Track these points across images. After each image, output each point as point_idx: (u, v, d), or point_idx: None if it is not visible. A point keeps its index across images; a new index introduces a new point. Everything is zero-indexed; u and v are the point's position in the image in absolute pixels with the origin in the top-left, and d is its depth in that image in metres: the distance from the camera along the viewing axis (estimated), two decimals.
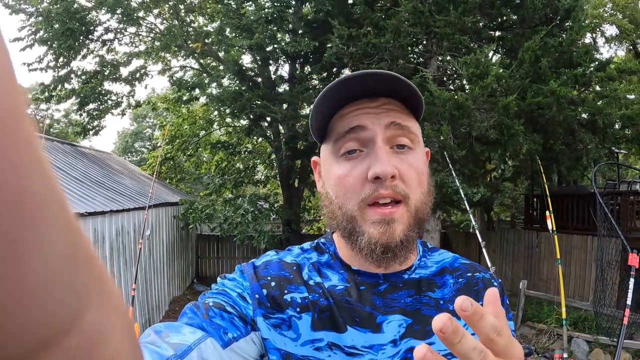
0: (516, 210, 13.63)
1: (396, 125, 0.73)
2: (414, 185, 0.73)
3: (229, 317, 0.70)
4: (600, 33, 17.31)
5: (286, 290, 0.77)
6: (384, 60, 7.26)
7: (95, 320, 0.21)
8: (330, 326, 0.74)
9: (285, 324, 0.74)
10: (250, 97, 8.52)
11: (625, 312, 3.91)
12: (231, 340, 0.68)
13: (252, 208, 9.48)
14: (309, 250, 0.85)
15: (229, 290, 0.76)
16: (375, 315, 0.75)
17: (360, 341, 0.73)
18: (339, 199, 0.75)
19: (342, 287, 0.78)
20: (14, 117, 0.16)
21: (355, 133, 0.73)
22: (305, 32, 9.47)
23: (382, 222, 0.71)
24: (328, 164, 0.78)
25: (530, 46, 7.20)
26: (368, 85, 0.73)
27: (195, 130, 12.47)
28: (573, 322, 7.65)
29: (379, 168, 0.69)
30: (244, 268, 0.81)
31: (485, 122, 6.62)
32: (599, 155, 8.36)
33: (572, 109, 7.67)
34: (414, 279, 0.80)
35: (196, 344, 0.62)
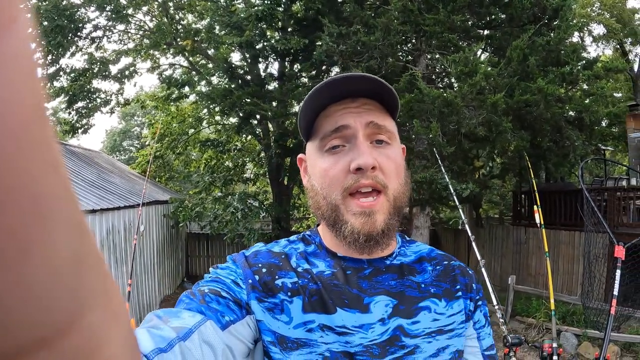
0: (504, 207, 13.73)
1: (374, 124, 0.80)
2: (392, 176, 0.80)
3: (224, 302, 0.73)
4: (587, 32, 17.51)
5: (277, 275, 0.81)
6: (373, 58, 7.30)
7: (95, 324, 0.21)
8: (320, 309, 0.78)
9: (277, 308, 0.78)
10: (240, 95, 8.50)
11: (612, 302, 3.98)
12: (229, 322, 0.71)
13: (242, 206, 9.46)
14: (296, 242, 0.90)
15: (223, 277, 0.79)
16: (362, 297, 0.80)
17: (350, 321, 0.78)
18: (323, 190, 0.80)
19: (329, 272, 0.83)
20: (34, 117, 0.16)
21: (340, 132, 0.79)
22: (295, 29, 9.47)
23: (363, 214, 0.77)
24: (314, 159, 0.84)
25: (518, 45, 7.27)
26: (350, 87, 0.79)
27: (185, 129, 12.40)
28: (561, 316, 7.74)
29: (362, 160, 0.75)
30: (236, 257, 0.85)
31: (473, 119, 6.68)
32: (585, 152, 8.46)
33: (560, 106, 7.76)
34: (396, 264, 0.86)
35: (197, 327, 0.65)
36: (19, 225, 0.15)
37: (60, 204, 0.17)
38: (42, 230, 0.16)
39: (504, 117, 6.97)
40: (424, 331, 0.81)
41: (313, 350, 0.76)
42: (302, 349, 0.76)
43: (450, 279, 0.89)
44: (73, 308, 0.19)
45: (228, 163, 12.36)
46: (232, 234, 9.35)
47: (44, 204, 0.16)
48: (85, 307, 0.20)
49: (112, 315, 0.23)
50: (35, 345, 0.17)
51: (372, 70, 7.25)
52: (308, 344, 0.76)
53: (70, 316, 0.19)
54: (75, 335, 0.19)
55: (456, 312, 0.86)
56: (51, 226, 0.17)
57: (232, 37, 8.43)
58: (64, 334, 0.18)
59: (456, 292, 0.88)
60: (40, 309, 0.17)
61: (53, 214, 0.17)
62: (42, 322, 0.17)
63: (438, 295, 0.85)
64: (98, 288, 0.21)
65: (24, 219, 0.15)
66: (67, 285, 0.18)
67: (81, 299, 0.19)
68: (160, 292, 9.82)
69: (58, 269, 0.17)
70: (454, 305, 0.86)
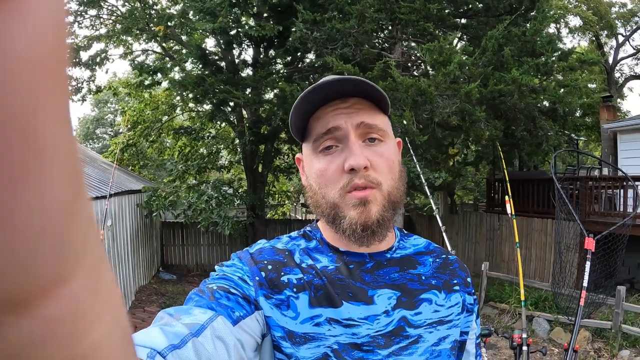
0: (479, 194, 13.91)
1: (365, 125, 0.81)
2: (385, 173, 0.82)
3: (234, 298, 0.75)
4: (564, 24, 17.69)
5: (282, 272, 0.83)
6: (347, 46, 7.22)
7: (80, 293, 0.17)
8: (326, 303, 0.81)
9: (284, 304, 0.80)
10: (212, 82, 8.35)
11: (581, 293, 4.00)
12: (239, 318, 0.73)
13: (216, 194, 9.35)
14: (297, 238, 0.93)
15: (230, 274, 0.81)
16: (366, 290, 0.83)
17: (356, 313, 0.81)
18: (321, 190, 0.83)
19: (333, 267, 0.86)
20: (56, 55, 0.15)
21: (331, 133, 0.81)
22: (271, 16, 9.32)
23: (360, 204, 0.79)
24: (309, 160, 0.87)
25: (494, 34, 7.28)
26: (339, 89, 0.81)
27: (158, 116, 12.17)
28: (534, 302, 7.88)
29: (353, 161, 0.78)
30: (241, 255, 0.87)
31: (447, 108, 6.69)
32: (558, 142, 8.57)
33: (534, 96, 7.83)
34: (396, 257, 0.90)
35: (208, 323, 0.66)
36: (15, 152, 0.14)
37: (61, 145, 0.16)
38: (38, 165, 0.15)
39: (478, 106, 6.99)
40: (425, 322, 0.85)
41: (322, 344, 0.79)
42: (310, 343, 0.78)
43: (449, 272, 0.93)
44: (57, 269, 0.16)
45: (202, 150, 12.20)
46: (206, 222, 9.26)
47: (45, 139, 0.15)
48: (71, 271, 0.17)
49: (103, 291, 0.19)
50: (5, 307, 0.15)
51: (345, 57, 7.19)
52: (316, 338, 0.79)
53: (52, 278, 0.16)
54: (55, 303, 0.16)
55: (454, 304, 0.90)
56: (49, 164, 0.15)
57: (204, 23, 8.25)
58: (41, 299, 0.16)
59: (454, 285, 0.92)
60: (20, 261, 0.15)
61: (52, 153, 0.15)
62: (19, 278, 0.15)
63: (438, 287, 0.89)
64: (87, 253, 0.18)
65: (21, 148, 0.14)
66: (55, 239, 0.16)
67: (68, 260, 0.17)
68: (135, 282, 9.68)
69: (48, 215, 0.15)
70: (452, 298, 0.90)
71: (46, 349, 0.16)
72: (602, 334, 6.63)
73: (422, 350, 0.83)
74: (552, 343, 6.96)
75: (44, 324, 0.16)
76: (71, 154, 0.16)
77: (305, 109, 0.83)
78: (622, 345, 6.28)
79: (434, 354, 0.84)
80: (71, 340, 0.17)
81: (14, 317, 0.15)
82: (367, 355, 0.79)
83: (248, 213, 10.60)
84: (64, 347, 0.17)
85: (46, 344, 0.16)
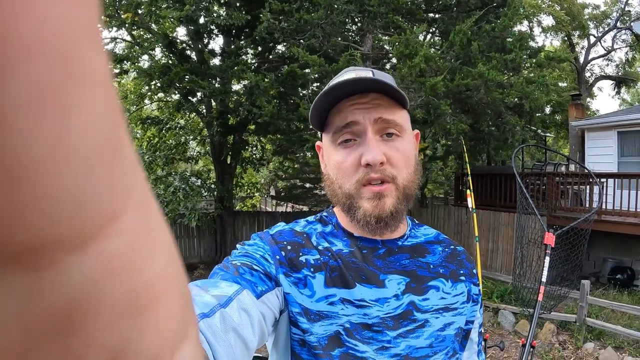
0: (449, 188, 14.05)
1: (383, 120, 0.83)
2: (401, 167, 0.85)
3: (257, 274, 0.79)
4: (537, 23, 17.95)
5: (301, 253, 0.87)
6: (315, 37, 7.17)
7: (136, 226, 0.17)
8: (340, 284, 0.85)
9: (301, 283, 0.84)
10: (178, 71, 8.21)
11: (540, 289, 4.03)
12: (262, 292, 0.77)
13: (184, 185, 9.23)
14: (314, 222, 0.97)
15: (252, 252, 0.84)
16: (378, 274, 0.87)
17: (368, 295, 0.85)
18: (338, 180, 0.87)
19: (347, 251, 0.90)
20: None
21: (350, 128, 0.84)
22: (242, 5, 9.20)
23: (375, 198, 0.83)
24: (328, 151, 0.90)
25: (462, 29, 7.32)
26: (358, 86, 0.83)
27: (126, 106, 11.92)
28: (500, 294, 7.98)
29: (370, 156, 0.81)
30: (262, 235, 0.91)
31: (412, 101, 6.70)
32: (524, 137, 8.69)
33: (500, 92, 7.90)
34: (407, 245, 0.94)
35: (235, 295, 0.69)
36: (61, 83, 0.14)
37: (100, 74, 0.16)
38: (83, 94, 0.14)
39: (444, 100, 7.03)
40: (432, 307, 0.88)
41: (334, 322, 0.82)
42: (324, 320, 0.82)
43: (457, 262, 0.97)
44: (109, 204, 0.16)
45: (170, 141, 12.01)
46: (173, 214, 9.13)
47: (86, 67, 0.15)
48: (123, 206, 0.16)
49: (151, 225, 0.18)
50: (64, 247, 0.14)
51: (313, 48, 7.14)
52: (330, 316, 0.83)
53: (105, 213, 0.16)
54: (111, 239, 0.16)
55: (459, 293, 0.93)
56: (91, 95, 0.15)
57: (172, 10, 8.10)
58: (97, 235, 0.15)
59: (460, 275, 0.95)
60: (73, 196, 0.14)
61: (93, 81, 0.15)
62: (74, 214, 0.14)
63: (445, 276, 0.93)
64: (136, 188, 0.17)
65: (65, 75, 0.14)
66: (104, 172, 0.15)
67: (118, 194, 0.16)
68: None
69: (95, 146, 0.15)
70: (458, 287, 0.94)
71: (106, 286, 0.16)
72: (567, 326, 6.75)
73: (427, 334, 0.87)
74: (517, 335, 7.06)
75: (101, 260, 0.16)
76: (109, 84, 0.16)
77: (325, 103, 0.86)
78: (586, 338, 6.40)
79: (439, 339, 0.88)
80: (129, 275, 0.17)
81: (72, 256, 0.15)
82: (377, 336, 0.84)
83: (216, 205, 10.49)
84: (123, 282, 0.17)
85: (105, 281, 0.16)
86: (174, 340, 0.20)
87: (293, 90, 8.45)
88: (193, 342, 0.21)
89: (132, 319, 0.17)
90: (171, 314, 0.20)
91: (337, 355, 0.81)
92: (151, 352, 0.18)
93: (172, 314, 0.20)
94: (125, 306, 0.17)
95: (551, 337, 6.75)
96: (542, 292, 3.80)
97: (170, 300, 0.20)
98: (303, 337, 0.82)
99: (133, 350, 0.17)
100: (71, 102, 0.14)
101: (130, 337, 0.17)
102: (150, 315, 0.18)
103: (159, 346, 0.18)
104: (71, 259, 0.15)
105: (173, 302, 0.20)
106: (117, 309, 0.16)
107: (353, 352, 0.82)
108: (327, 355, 0.81)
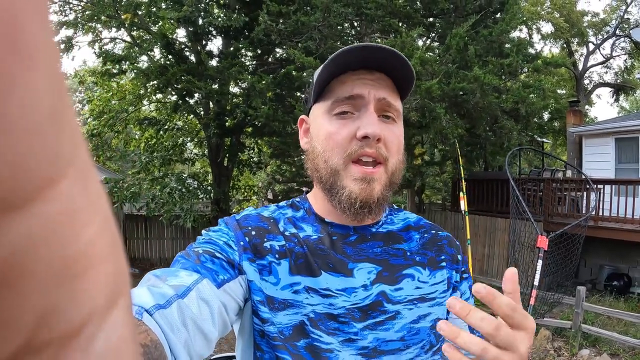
0: (447, 194, 14.06)
1: (386, 101, 0.82)
2: (394, 151, 0.83)
3: (218, 262, 0.76)
4: (536, 30, 18.01)
5: (265, 238, 0.84)
6: (312, 39, 7.19)
7: (74, 192, 0.17)
8: (305, 271, 0.81)
9: (266, 270, 0.81)
10: (175, 72, 8.22)
11: (532, 292, 3.99)
12: (223, 281, 0.74)
13: (180, 186, 9.22)
14: (284, 207, 0.93)
15: (215, 239, 0.81)
16: (346, 262, 0.83)
17: (334, 284, 0.81)
18: (325, 153, 0.82)
19: (316, 237, 0.86)
20: None
21: (353, 100, 0.81)
22: (240, 7, 9.22)
23: (364, 180, 0.79)
24: (320, 121, 0.85)
25: (458, 32, 7.33)
26: (372, 57, 0.80)
27: (124, 106, 11.94)
28: None
29: (370, 129, 0.78)
30: (227, 220, 0.88)
31: (407, 104, 6.70)
32: (520, 142, 8.68)
33: (496, 96, 7.90)
34: (381, 232, 0.90)
35: (194, 285, 0.68)
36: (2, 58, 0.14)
37: (45, 49, 0.16)
38: (23, 68, 0.15)
39: (439, 103, 7.03)
40: (405, 298, 0.84)
41: (299, 311, 0.79)
42: (288, 309, 0.79)
43: (437, 248, 0.92)
44: (50, 169, 0.16)
45: (168, 142, 12.02)
46: (169, 215, 9.12)
47: (28, 43, 0.15)
48: (63, 171, 0.17)
49: (90, 190, 0.19)
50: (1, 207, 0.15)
51: (309, 51, 7.15)
52: (294, 305, 0.80)
53: (46, 177, 0.16)
54: (51, 201, 0.16)
55: (438, 281, 0.88)
56: (34, 68, 0.15)
57: (170, 11, 8.12)
58: (36, 197, 0.16)
59: (440, 262, 0.90)
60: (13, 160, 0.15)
61: (36, 56, 0.15)
62: (13, 177, 0.15)
63: (423, 263, 0.88)
64: (78, 155, 0.18)
65: (6, 51, 0.14)
66: (45, 140, 0.16)
67: (59, 160, 0.17)
68: None
69: (36, 117, 0.15)
70: (437, 275, 0.88)
71: (42, 246, 0.16)
72: (562, 333, 6.71)
73: (399, 327, 0.82)
74: None
75: (41, 221, 0.16)
76: (53, 58, 0.17)
77: (331, 71, 0.82)
78: (581, 345, 6.36)
79: (412, 332, 0.83)
80: (68, 238, 0.17)
81: (12, 216, 0.15)
82: (343, 327, 0.80)
83: (212, 207, 10.46)
84: (60, 245, 0.17)
85: (42, 241, 0.16)
86: (104, 308, 0.19)
87: (289, 93, 8.45)
88: (123, 312, 0.21)
89: (65, 283, 0.17)
90: (104, 281, 0.19)
91: (302, 347, 0.79)
92: (80, 318, 0.18)
93: (105, 281, 0.19)
94: (59, 269, 0.17)
95: (546, 344, 6.71)
96: (534, 297, 3.77)
97: (104, 268, 0.19)
98: (262, 328, 0.79)
99: (62, 314, 0.17)
100: (10, 76, 0.14)
101: (60, 302, 0.17)
102: (82, 281, 0.18)
103: (88, 313, 0.18)
104: (8, 218, 0.15)
105: (106, 270, 0.19)
106: (51, 271, 0.16)
107: (318, 344, 0.79)
108: (291, 346, 0.78)
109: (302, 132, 0.94)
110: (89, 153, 0.19)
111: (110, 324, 0.19)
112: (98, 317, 0.19)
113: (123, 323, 0.20)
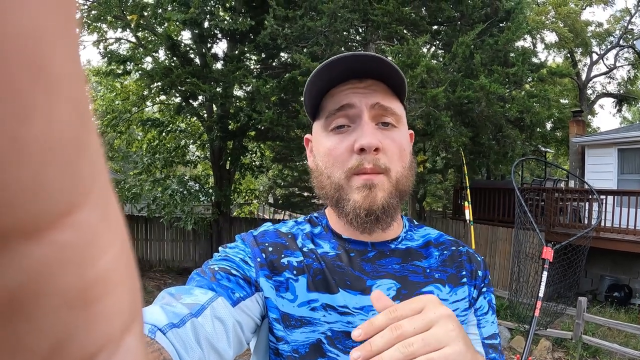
0: (448, 202, 14.05)
1: (380, 106, 0.79)
2: (395, 159, 0.79)
3: (234, 279, 0.75)
4: (540, 39, 18.03)
5: (283, 254, 0.83)
6: (318, 44, 7.18)
7: (92, 220, 0.17)
8: (323, 288, 0.80)
9: (283, 286, 0.79)
10: (179, 74, 8.22)
11: (537, 304, 3.98)
12: (239, 299, 0.73)
13: (181, 188, 9.20)
14: (303, 223, 0.92)
15: (232, 256, 0.80)
16: (365, 279, 0.81)
17: (352, 302, 0.79)
18: (327, 169, 0.81)
19: (333, 254, 0.84)
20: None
21: (344, 110, 0.79)
22: (246, 11, 9.23)
23: (365, 187, 0.76)
24: (319, 138, 0.84)
25: (465, 41, 7.33)
26: (356, 65, 0.78)
27: (128, 107, 11.95)
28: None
29: (365, 140, 0.75)
30: (244, 236, 0.87)
31: (413, 111, 6.69)
32: (524, 152, 8.67)
33: (501, 105, 7.90)
34: (401, 248, 0.87)
35: (209, 303, 0.67)
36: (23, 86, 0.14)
37: (69, 75, 0.16)
38: (45, 98, 0.15)
39: (444, 111, 7.02)
40: None
41: (316, 329, 0.78)
42: (305, 327, 0.78)
43: (457, 264, 0.89)
44: (69, 196, 0.16)
45: (170, 144, 12.03)
46: (169, 216, 9.09)
47: (52, 72, 0.15)
48: (83, 199, 0.17)
49: (109, 217, 0.19)
50: (18, 234, 0.15)
51: (315, 56, 7.14)
52: (311, 322, 0.78)
53: (64, 205, 0.16)
54: (69, 229, 0.16)
55: (460, 298, 0.86)
56: (56, 97, 0.15)
57: (176, 13, 8.12)
58: (54, 225, 0.16)
59: (461, 278, 0.88)
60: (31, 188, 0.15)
61: (59, 85, 0.15)
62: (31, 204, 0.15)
63: (442, 280, 0.86)
64: (97, 181, 0.18)
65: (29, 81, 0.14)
66: (65, 168, 0.16)
67: (79, 187, 0.16)
68: None
69: (57, 145, 0.15)
70: (458, 292, 0.86)
71: (56, 275, 0.16)
72: (562, 343, 6.69)
73: None
74: (512, 351, 7.01)
75: (57, 250, 0.16)
76: (79, 86, 0.17)
77: (319, 87, 0.80)
78: (582, 356, 6.34)
79: None
80: (84, 266, 0.17)
81: (29, 244, 0.15)
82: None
83: (213, 210, 10.44)
84: (74, 273, 0.17)
85: (56, 270, 0.16)
86: (118, 334, 0.19)
87: (294, 97, 8.45)
88: (136, 338, 0.20)
89: (79, 310, 0.17)
90: (119, 308, 0.19)
91: None
92: (94, 345, 0.18)
93: (120, 308, 0.19)
94: (74, 297, 0.17)
95: (546, 354, 6.69)
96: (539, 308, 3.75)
97: (119, 293, 0.19)
98: (277, 346, 0.78)
99: (76, 341, 0.17)
100: (31, 106, 0.14)
101: (75, 329, 0.17)
102: (97, 308, 0.18)
103: (102, 340, 0.18)
104: (24, 246, 0.15)
105: (122, 295, 0.19)
106: (65, 299, 0.16)
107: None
108: None
109: (309, 152, 0.92)
110: (109, 177, 0.19)
111: (123, 350, 0.19)
112: (112, 344, 0.19)
113: (136, 350, 0.20)
